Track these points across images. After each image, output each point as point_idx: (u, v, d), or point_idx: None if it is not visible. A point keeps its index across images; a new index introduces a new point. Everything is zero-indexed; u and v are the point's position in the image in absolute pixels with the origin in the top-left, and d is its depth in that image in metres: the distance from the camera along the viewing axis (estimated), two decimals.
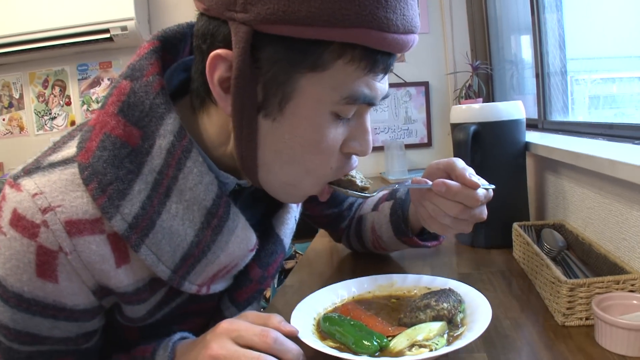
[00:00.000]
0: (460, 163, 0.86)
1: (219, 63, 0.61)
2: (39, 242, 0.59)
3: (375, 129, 2.79)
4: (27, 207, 0.59)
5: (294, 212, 0.89)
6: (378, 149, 2.77)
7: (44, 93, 3.40)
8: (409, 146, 2.69)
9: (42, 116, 3.41)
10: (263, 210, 0.85)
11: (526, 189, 1.31)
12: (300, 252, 1.97)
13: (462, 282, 0.87)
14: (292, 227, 0.89)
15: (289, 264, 1.90)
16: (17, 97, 3.42)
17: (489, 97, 2.67)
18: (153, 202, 0.63)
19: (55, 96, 3.40)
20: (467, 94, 2.52)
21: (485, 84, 2.60)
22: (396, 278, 0.94)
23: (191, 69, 0.69)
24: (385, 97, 0.69)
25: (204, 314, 0.84)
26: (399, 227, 1.05)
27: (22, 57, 3.23)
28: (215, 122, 0.69)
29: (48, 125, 3.38)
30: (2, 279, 0.61)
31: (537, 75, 1.92)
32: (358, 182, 0.78)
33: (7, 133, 3.43)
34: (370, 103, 0.65)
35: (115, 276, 0.64)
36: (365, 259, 1.21)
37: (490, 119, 1.22)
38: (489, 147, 1.23)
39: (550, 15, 1.88)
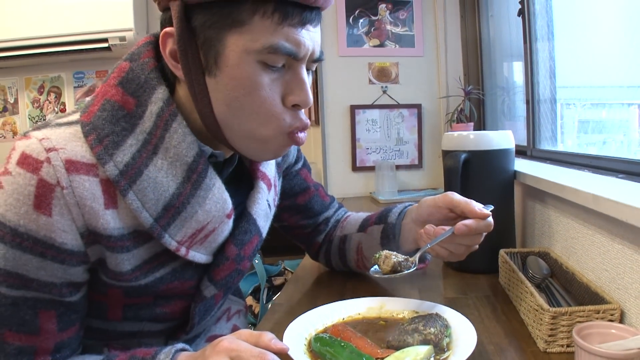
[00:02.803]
0: (457, 196, 0.94)
1: (168, 39, 0.74)
2: (40, 176, 0.67)
3: (367, 149, 2.83)
4: (33, 148, 0.68)
5: (265, 194, 0.94)
6: (369, 169, 2.81)
7: (39, 99, 3.41)
8: (399, 167, 2.73)
9: (36, 122, 3.41)
10: (240, 199, 0.90)
11: (513, 216, 1.35)
12: (289, 269, 1.98)
13: (449, 306, 0.90)
14: (264, 209, 0.94)
15: (278, 281, 1.92)
16: (11, 101, 3.42)
17: (480, 122, 2.72)
18: (142, 155, 0.73)
19: (50, 102, 3.41)
20: (459, 118, 2.57)
21: (477, 108, 2.65)
22: (385, 300, 0.97)
23: None
24: (318, 59, 0.79)
25: (185, 296, 0.88)
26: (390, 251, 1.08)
27: (19, 62, 3.23)
28: (184, 91, 0.78)
29: None
30: (1, 217, 0.67)
31: (527, 102, 1.97)
32: (394, 259, 0.90)
33: (0, 137, 3.43)
34: (293, 56, 0.73)
35: (103, 217, 0.71)
36: (354, 278, 1.23)
37: (480, 148, 1.25)
38: (479, 174, 1.26)
39: (542, 44, 1.93)
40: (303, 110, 0.80)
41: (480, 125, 2.73)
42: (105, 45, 3.03)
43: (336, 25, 2.80)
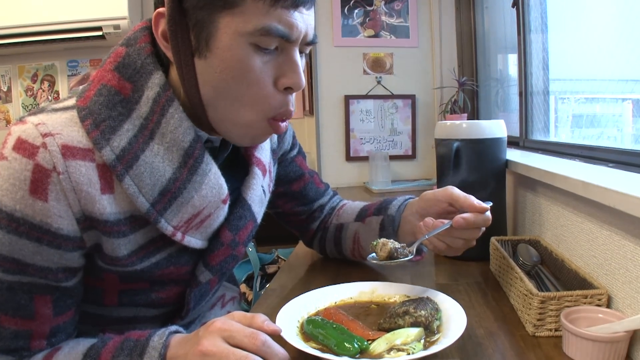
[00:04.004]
0: (457, 191, 0.96)
1: (160, 19, 0.75)
2: (36, 161, 0.67)
3: (361, 139, 2.84)
4: (29, 133, 0.68)
5: (260, 179, 0.94)
6: (362, 159, 2.82)
7: (33, 87, 3.40)
8: (393, 157, 2.74)
9: (30, 110, 3.40)
10: (235, 184, 0.91)
11: (505, 204, 1.36)
12: (282, 258, 1.99)
13: (440, 292, 0.91)
14: (259, 195, 0.94)
15: (272, 269, 1.93)
16: (4, 89, 3.41)
17: (474, 113, 2.73)
18: (138, 140, 0.73)
19: (43, 91, 3.40)
20: (453, 109, 2.58)
21: (471, 100, 2.66)
22: (377, 285, 0.98)
23: None
24: (311, 42, 0.79)
25: (180, 282, 0.89)
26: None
27: (12, 50, 3.21)
28: (176, 74, 0.78)
29: None
30: None
31: (520, 94, 1.98)
32: (390, 245, 0.90)
33: None
34: (286, 38, 0.73)
35: (99, 202, 0.71)
36: (347, 265, 1.25)
37: (473, 136, 1.26)
38: (471, 163, 1.27)
39: (535, 36, 1.94)
40: (294, 100, 0.81)
41: (474, 117, 2.73)
42: (99, 33, 3.02)
43: (331, 15, 2.80)
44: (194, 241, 0.83)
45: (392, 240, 0.92)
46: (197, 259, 0.88)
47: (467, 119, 2.56)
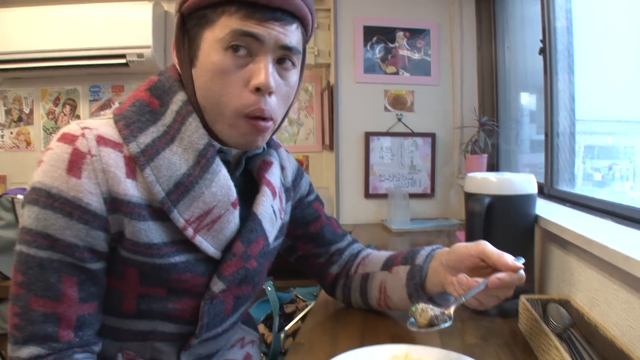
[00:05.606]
0: (489, 247, 0.96)
1: (176, 43, 0.91)
2: (74, 146, 0.80)
3: (380, 176, 2.84)
4: (72, 127, 0.83)
5: (270, 199, 1.01)
6: (381, 196, 2.82)
7: (54, 110, 3.44)
8: (411, 195, 2.72)
9: (50, 133, 3.44)
10: (247, 205, 0.98)
11: (533, 260, 1.35)
12: (300, 297, 1.98)
13: (471, 355, 0.90)
14: (269, 213, 1.01)
15: (290, 308, 1.91)
16: (27, 112, 3.45)
17: (494, 153, 2.72)
18: (161, 141, 0.86)
19: (65, 115, 3.43)
20: (473, 149, 2.58)
21: (490, 139, 2.65)
22: (410, 349, 0.97)
23: None
24: (287, 47, 0.87)
25: (195, 294, 0.93)
26: (416, 292, 1.09)
27: (36, 74, 3.27)
28: None
29: None
30: (38, 184, 0.79)
31: (546, 135, 1.94)
32: (431, 312, 0.90)
33: (13, 146, 3.45)
34: (253, 36, 0.83)
35: (124, 183, 0.82)
36: (373, 317, 1.23)
37: (504, 192, 1.26)
38: (501, 218, 1.26)
39: (562, 76, 1.92)
40: (270, 100, 0.88)
41: (494, 157, 2.73)
42: (123, 61, 3.06)
43: (353, 51, 2.82)
44: (206, 244, 0.89)
45: (431, 306, 0.91)
46: (212, 272, 0.93)
47: (487, 160, 2.56)
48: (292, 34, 0.87)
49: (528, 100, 2.62)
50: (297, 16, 0.87)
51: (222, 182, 0.88)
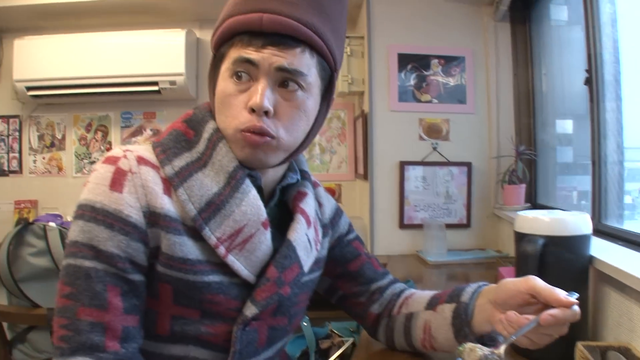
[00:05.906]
0: (539, 282, 0.91)
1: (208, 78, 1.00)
2: (117, 165, 0.87)
3: (415, 206, 2.78)
4: (115, 151, 0.90)
5: (304, 227, 1.03)
6: (416, 226, 2.75)
7: (86, 136, 3.47)
8: (447, 226, 2.64)
9: (82, 159, 3.46)
10: (283, 233, 1.01)
11: (587, 303, 1.27)
12: (336, 332, 1.92)
13: None
14: (304, 241, 1.01)
15: (325, 344, 1.85)
16: (59, 137, 3.48)
17: (532, 183, 2.65)
18: (194, 165, 0.92)
19: (97, 141, 3.46)
20: (511, 179, 2.51)
21: (528, 168, 2.59)
22: None
23: None
24: (284, 69, 0.89)
25: (229, 319, 0.93)
26: (462, 331, 1.04)
27: (69, 100, 3.31)
28: None
29: (87, 168, 3.43)
30: (84, 200, 0.85)
31: (593, 163, 1.86)
32: (479, 352, 0.86)
33: (45, 172, 3.48)
34: (249, 62, 0.88)
35: (162, 198, 0.87)
36: (419, 359, 1.18)
37: (557, 233, 1.20)
38: (553, 259, 1.20)
39: (609, 103, 1.84)
40: (268, 120, 0.90)
41: (532, 187, 2.66)
42: (155, 88, 3.09)
43: (388, 79, 2.79)
44: (238, 265, 0.91)
45: (479, 345, 0.86)
46: (246, 297, 0.94)
47: (525, 190, 2.49)
48: (293, 57, 0.89)
49: (566, 128, 2.56)
50: (301, 40, 0.88)
51: (251, 202, 0.91)
